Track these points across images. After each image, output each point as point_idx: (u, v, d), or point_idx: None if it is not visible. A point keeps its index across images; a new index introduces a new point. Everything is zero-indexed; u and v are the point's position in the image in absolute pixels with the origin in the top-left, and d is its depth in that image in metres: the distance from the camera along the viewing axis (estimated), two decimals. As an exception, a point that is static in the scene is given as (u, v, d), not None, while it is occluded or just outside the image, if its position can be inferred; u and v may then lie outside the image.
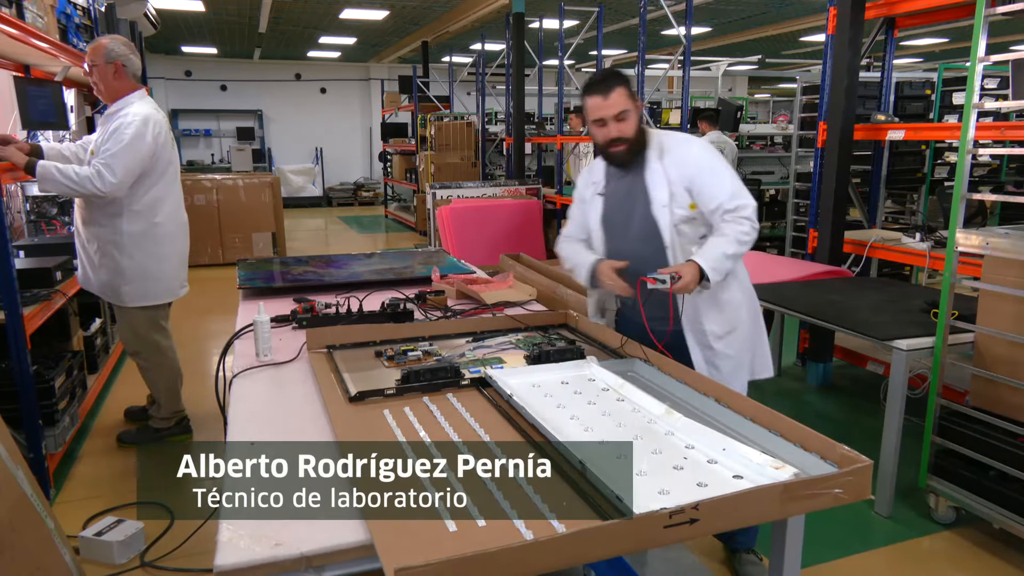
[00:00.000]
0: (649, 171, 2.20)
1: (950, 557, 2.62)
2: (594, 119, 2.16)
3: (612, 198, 2.31)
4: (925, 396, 2.83)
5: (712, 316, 2.22)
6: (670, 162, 2.19)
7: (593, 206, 2.35)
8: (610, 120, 2.13)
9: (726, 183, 2.15)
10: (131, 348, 3.45)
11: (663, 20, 7.40)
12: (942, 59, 13.46)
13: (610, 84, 2.12)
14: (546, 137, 8.95)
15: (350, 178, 17.00)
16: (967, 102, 2.63)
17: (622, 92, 2.12)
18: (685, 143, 2.24)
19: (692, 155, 2.19)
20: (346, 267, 3.38)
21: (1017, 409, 2.57)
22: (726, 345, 2.23)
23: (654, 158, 2.20)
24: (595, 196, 2.34)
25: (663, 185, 2.17)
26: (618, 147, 2.17)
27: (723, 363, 2.24)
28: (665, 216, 2.18)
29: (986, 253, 2.54)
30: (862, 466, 1.27)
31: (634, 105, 2.15)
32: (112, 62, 3.12)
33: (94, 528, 2.61)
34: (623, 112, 2.12)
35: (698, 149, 2.22)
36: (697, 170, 2.16)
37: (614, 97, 2.11)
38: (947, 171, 6.68)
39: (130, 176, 3.07)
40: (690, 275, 2.02)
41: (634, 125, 2.15)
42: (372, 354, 2.11)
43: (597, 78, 2.17)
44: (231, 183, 8.71)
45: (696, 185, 2.15)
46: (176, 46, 14.31)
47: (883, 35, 4.49)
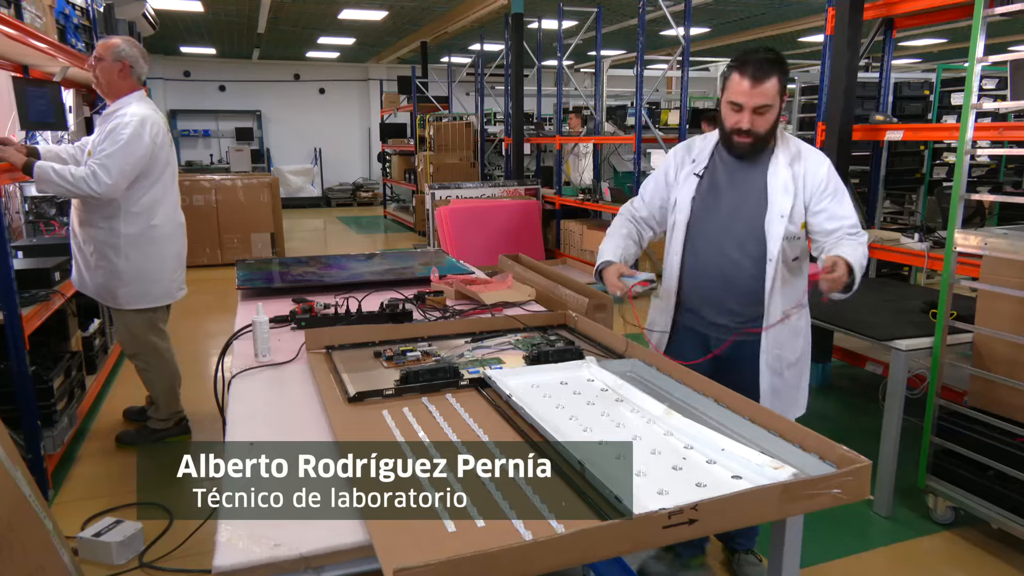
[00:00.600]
0: (775, 174, 1.98)
1: (949, 557, 2.63)
2: (730, 100, 1.92)
3: (714, 187, 2.04)
4: (924, 396, 2.84)
5: (789, 341, 2.05)
6: (802, 172, 1.98)
7: (684, 186, 2.08)
8: (748, 109, 1.90)
9: (850, 208, 1.99)
10: (129, 350, 3.45)
11: (662, 21, 7.40)
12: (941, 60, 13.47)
13: (766, 71, 1.86)
14: (545, 137, 8.95)
15: (349, 179, 17.00)
16: (965, 102, 2.64)
17: (775, 83, 1.88)
18: (821, 156, 2.03)
19: (824, 171, 1.99)
20: (345, 268, 3.38)
21: (1016, 409, 2.57)
22: (792, 375, 2.09)
23: (783, 162, 1.98)
24: (690, 176, 2.07)
25: (788, 194, 1.96)
26: (743, 138, 1.94)
27: (786, 394, 2.08)
28: (779, 227, 1.96)
29: (984, 253, 2.55)
30: (861, 466, 1.27)
31: (779, 101, 1.92)
32: (120, 60, 3.12)
33: (93, 529, 2.61)
34: (766, 106, 1.89)
35: (829, 166, 2.02)
36: (825, 188, 1.97)
37: (766, 86, 1.87)
38: (946, 171, 6.68)
39: (126, 177, 3.07)
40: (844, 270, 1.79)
41: (771, 122, 1.93)
42: (371, 354, 2.10)
43: (754, 58, 1.89)
44: (230, 184, 8.71)
45: (819, 204, 1.97)
46: (175, 46, 14.30)
47: (882, 35, 4.49)
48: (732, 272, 1.98)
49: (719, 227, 2.02)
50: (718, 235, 2.03)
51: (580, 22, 9.61)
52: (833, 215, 1.97)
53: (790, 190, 1.96)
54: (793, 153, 1.99)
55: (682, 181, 2.09)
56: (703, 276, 2.03)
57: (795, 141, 2.03)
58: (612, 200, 7.35)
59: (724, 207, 2.02)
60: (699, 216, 2.05)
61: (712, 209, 2.03)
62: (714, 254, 2.02)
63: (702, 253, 2.04)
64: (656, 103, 9.62)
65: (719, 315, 2.06)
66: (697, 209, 2.05)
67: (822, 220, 1.97)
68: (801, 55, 15.52)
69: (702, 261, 2.06)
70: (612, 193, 7.38)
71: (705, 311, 2.09)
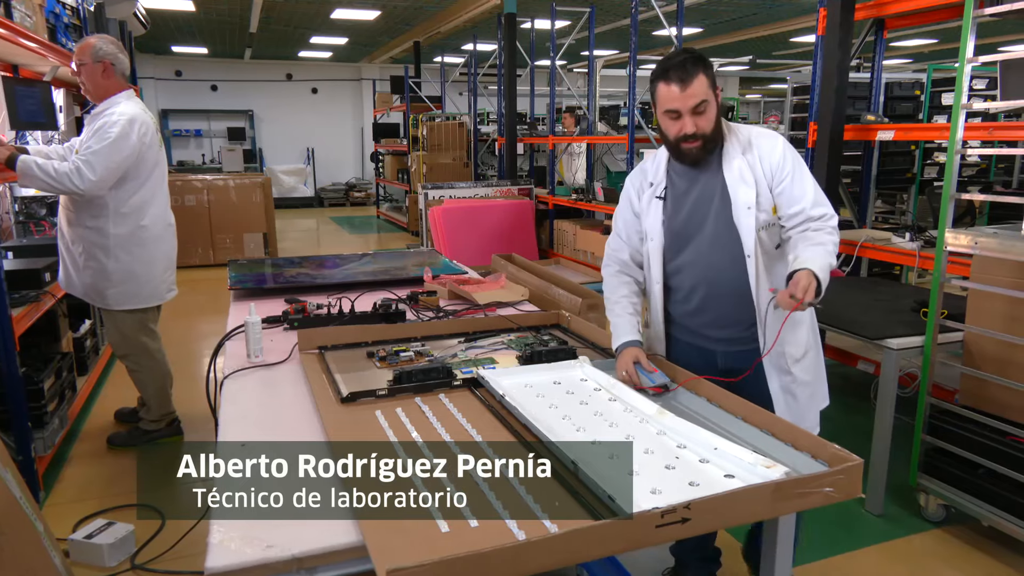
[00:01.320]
0: (730, 168, 1.90)
1: (940, 555, 2.64)
2: (666, 110, 1.85)
3: (677, 201, 1.97)
4: (915, 395, 2.85)
5: (789, 337, 1.93)
6: (756, 158, 1.90)
7: (650, 213, 2.00)
8: (686, 113, 1.82)
9: (809, 187, 1.89)
10: (119, 351, 3.43)
11: (654, 21, 7.41)
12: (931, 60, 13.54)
13: (689, 71, 1.79)
14: (538, 137, 8.95)
15: (342, 178, 16.97)
16: (956, 102, 2.65)
17: (703, 80, 1.80)
18: (771, 137, 1.94)
19: (778, 151, 1.90)
20: (338, 268, 3.37)
21: (1006, 407, 2.59)
22: (802, 370, 1.97)
23: (736, 153, 1.91)
24: (652, 200, 2.00)
25: (749, 184, 1.88)
26: (691, 144, 1.86)
27: (800, 391, 1.97)
28: (749, 220, 1.87)
29: (975, 252, 2.56)
30: (853, 465, 1.27)
31: (713, 95, 1.84)
32: (100, 61, 3.10)
33: (84, 531, 2.60)
34: (702, 104, 1.81)
35: (783, 145, 1.92)
36: (782, 168, 1.89)
37: (694, 86, 1.79)
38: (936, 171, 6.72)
39: (111, 175, 3.03)
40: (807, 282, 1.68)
41: (712, 119, 1.85)
42: (364, 355, 2.10)
43: (673, 62, 1.82)
44: (222, 183, 8.68)
45: (779, 187, 1.89)
46: (166, 46, 14.24)
47: (873, 36, 4.51)
48: (716, 279, 1.91)
49: (694, 240, 1.95)
50: (695, 248, 1.95)
51: (573, 22, 9.62)
52: (792, 197, 1.88)
53: (748, 178, 1.88)
54: (744, 142, 1.92)
55: (646, 208, 2.01)
56: (691, 294, 1.96)
57: (744, 129, 1.96)
58: (605, 200, 7.36)
59: (692, 218, 1.95)
60: (672, 237, 1.98)
61: (682, 225, 1.96)
62: (696, 267, 1.95)
63: (684, 271, 1.97)
64: (649, 103, 9.64)
65: (719, 328, 1.96)
66: (668, 232, 1.98)
67: (783, 204, 1.89)
68: (793, 55, 15.59)
69: (686, 279, 1.97)
70: (605, 193, 7.39)
71: (704, 328, 1.99)
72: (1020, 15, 2.72)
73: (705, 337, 1.99)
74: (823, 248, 1.78)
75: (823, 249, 1.77)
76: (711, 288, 1.94)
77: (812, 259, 1.73)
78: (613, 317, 2.02)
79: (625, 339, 1.93)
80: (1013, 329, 2.52)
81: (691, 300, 1.98)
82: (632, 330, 1.96)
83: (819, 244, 1.79)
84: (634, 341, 1.92)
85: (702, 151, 1.88)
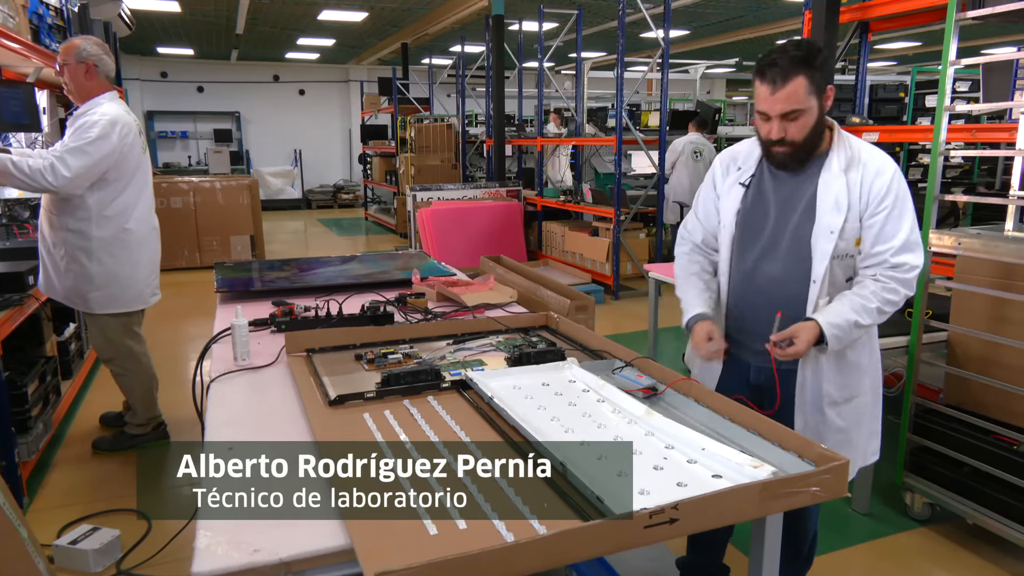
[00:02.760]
0: (826, 184, 1.73)
1: (926, 553, 2.66)
2: (758, 110, 1.72)
3: (759, 196, 1.83)
4: (900, 394, 2.88)
5: (831, 376, 1.80)
6: (858, 181, 1.72)
7: (728, 197, 1.86)
8: (776, 117, 1.68)
9: (904, 229, 1.71)
10: (104, 355, 3.40)
11: (642, 23, 7.45)
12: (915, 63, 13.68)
13: (786, 72, 1.63)
14: (526, 139, 8.97)
15: (330, 180, 16.91)
16: (939, 105, 2.68)
17: (800, 84, 1.63)
18: (882, 161, 1.75)
19: (884, 180, 1.71)
20: (325, 270, 3.36)
21: (990, 406, 2.61)
22: (839, 415, 1.81)
23: (837, 168, 1.73)
24: (735, 186, 1.85)
25: (840, 209, 1.70)
26: (780, 148, 1.72)
27: (830, 436, 1.81)
28: (827, 245, 1.71)
29: (959, 253, 2.59)
30: (839, 464, 1.28)
31: (815, 101, 1.66)
32: (84, 62, 3.07)
33: (69, 536, 2.57)
34: (795, 112, 1.66)
35: (893, 174, 1.72)
36: (881, 201, 1.70)
37: (788, 89, 1.63)
38: (920, 173, 6.79)
39: (87, 173, 2.98)
40: (805, 343, 1.65)
41: (808, 127, 1.68)
42: (352, 357, 2.09)
43: (772, 59, 1.66)
44: (208, 185, 8.62)
45: (871, 219, 1.72)
46: (151, 47, 14.14)
47: (857, 39, 4.55)
48: (776, 293, 1.77)
49: (763, 243, 1.81)
50: (761, 252, 1.81)
51: (561, 24, 9.64)
52: (880, 236, 1.71)
53: (842, 202, 1.70)
54: (850, 157, 1.74)
55: (727, 191, 1.87)
56: (746, 298, 1.84)
57: (855, 142, 1.78)
58: (593, 201, 7.38)
59: (770, 221, 1.80)
60: (743, 231, 1.84)
61: (757, 223, 1.82)
62: (757, 274, 1.82)
63: (745, 273, 1.84)
64: (636, 105, 9.69)
65: (760, 342, 1.79)
66: (741, 223, 1.84)
67: (868, 240, 1.72)
68: (779, 57, 15.67)
69: (745, 282, 1.85)
70: (593, 195, 7.41)
71: (747, 338, 1.88)
72: (1002, 18, 2.76)
73: (742, 347, 1.89)
74: (862, 302, 1.69)
75: (861, 302, 1.69)
76: (766, 299, 1.81)
77: (834, 313, 1.67)
78: (681, 293, 1.90)
79: (695, 311, 1.82)
80: (996, 329, 2.55)
81: (745, 307, 1.87)
82: (702, 302, 1.84)
83: (861, 297, 1.70)
84: (705, 314, 1.81)
85: (791, 159, 1.73)
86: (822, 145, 1.77)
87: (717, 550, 2.25)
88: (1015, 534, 2.45)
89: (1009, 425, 2.54)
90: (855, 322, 1.68)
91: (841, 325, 1.68)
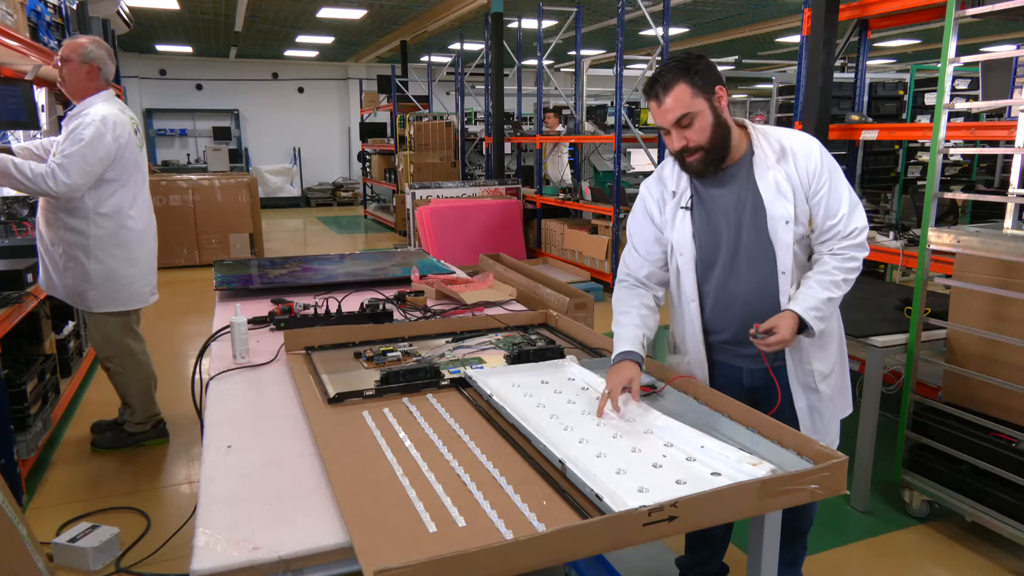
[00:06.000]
0: (764, 179, 1.77)
1: (924, 550, 2.67)
2: (658, 127, 1.77)
3: (706, 213, 1.84)
4: (899, 392, 2.88)
5: (818, 353, 1.86)
6: (792, 166, 1.77)
7: (677, 226, 1.86)
8: (671, 128, 1.72)
9: (845, 197, 1.78)
10: (103, 353, 3.39)
11: (641, 21, 7.44)
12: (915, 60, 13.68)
13: (666, 83, 1.69)
14: (525, 137, 8.96)
15: (329, 178, 16.90)
16: (938, 103, 2.68)
17: (682, 90, 1.68)
18: (806, 142, 1.81)
19: (814, 158, 1.77)
20: (324, 268, 3.36)
21: (988, 404, 2.62)
22: (828, 386, 1.89)
23: (769, 161, 1.77)
24: (678, 211, 1.86)
25: (787, 197, 1.75)
26: (692, 156, 1.74)
27: (825, 407, 1.90)
28: (787, 235, 1.75)
29: (958, 251, 2.59)
30: (838, 462, 1.28)
31: (703, 103, 1.70)
32: (88, 63, 3.08)
33: (68, 534, 2.57)
34: (685, 116, 1.69)
35: (820, 151, 1.79)
36: (819, 177, 1.77)
37: (672, 98, 1.68)
38: (920, 170, 6.79)
39: (87, 177, 3.00)
40: (788, 330, 1.69)
41: (706, 128, 1.71)
42: (351, 355, 2.09)
43: (653, 76, 1.73)
44: (207, 183, 8.62)
45: (815, 197, 1.77)
46: (150, 45, 14.12)
47: (857, 36, 4.55)
48: (751, 295, 1.81)
49: (724, 255, 1.84)
50: (725, 263, 1.84)
51: (560, 22, 9.64)
52: (828, 209, 1.78)
53: (786, 190, 1.76)
54: (776, 149, 1.78)
55: (671, 220, 1.87)
56: (724, 310, 1.86)
57: (774, 133, 1.82)
58: (593, 199, 7.38)
59: (724, 232, 1.83)
60: (704, 251, 1.85)
61: (713, 239, 1.84)
62: (730, 283, 1.84)
63: (717, 287, 1.86)
64: (636, 103, 9.67)
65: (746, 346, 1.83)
66: (699, 244, 1.85)
67: (818, 216, 1.79)
68: (778, 55, 15.69)
69: (719, 295, 1.87)
70: (592, 192, 7.41)
71: (735, 345, 1.90)
72: (1001, 16, 2.76)
73: (730, 354, 1.92)
74: (827, 279, 1.76)
75: (827, 280, 1.76)
76: (740, 305, 1.84)
77: (807, 298, 1.74)
78: (617, 328, 1.89)
79: (623, 348, 1.79)
80: (995, 327, 2.55)
81: (726, 319, 1.88)
82: (634, 340, 1.81)
83: (824, 274, 1.77)
84: (633, 353, 1.77)
85: (706, 163, 1.75)
86: (742, 146, 1.80)
87: (717, 549, 2.25)
88: (1013, 531, 2.45)
89: (1008, 423, 2.54)
90: (827, 298, 1.75)
91: (817, 307, 1.74)
